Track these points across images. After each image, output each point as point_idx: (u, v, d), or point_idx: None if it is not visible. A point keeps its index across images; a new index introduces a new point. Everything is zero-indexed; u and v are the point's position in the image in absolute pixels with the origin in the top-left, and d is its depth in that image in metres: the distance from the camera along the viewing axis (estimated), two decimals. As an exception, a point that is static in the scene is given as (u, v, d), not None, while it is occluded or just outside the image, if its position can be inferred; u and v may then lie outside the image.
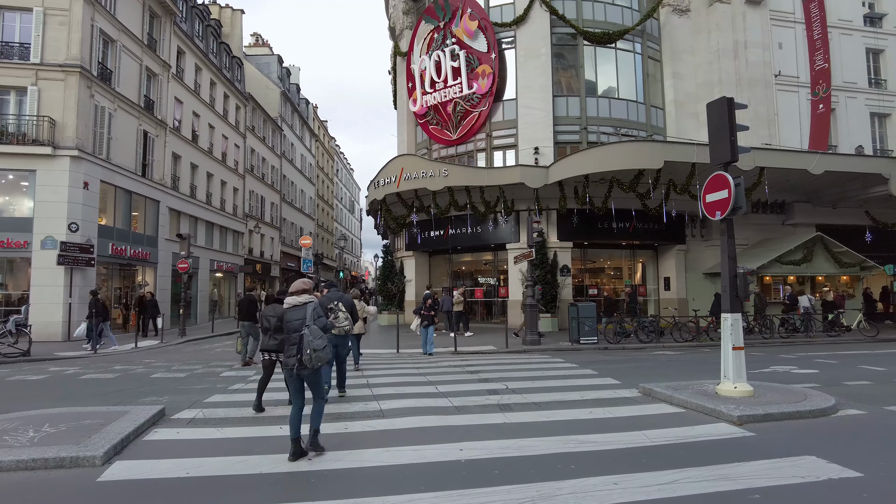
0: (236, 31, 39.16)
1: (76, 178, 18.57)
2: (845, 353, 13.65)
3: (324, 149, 62.76)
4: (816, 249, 20.86)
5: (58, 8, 18.78)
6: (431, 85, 24.38)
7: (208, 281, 29.84)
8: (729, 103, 8.03)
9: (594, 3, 23.29)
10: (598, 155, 19.46)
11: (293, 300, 5.55)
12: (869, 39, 26.67)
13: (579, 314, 15.68)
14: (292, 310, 5.47)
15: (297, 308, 5.46)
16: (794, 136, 24.57)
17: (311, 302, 5.54)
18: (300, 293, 5.59)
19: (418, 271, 24.65)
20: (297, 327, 5.30)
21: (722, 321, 7.79)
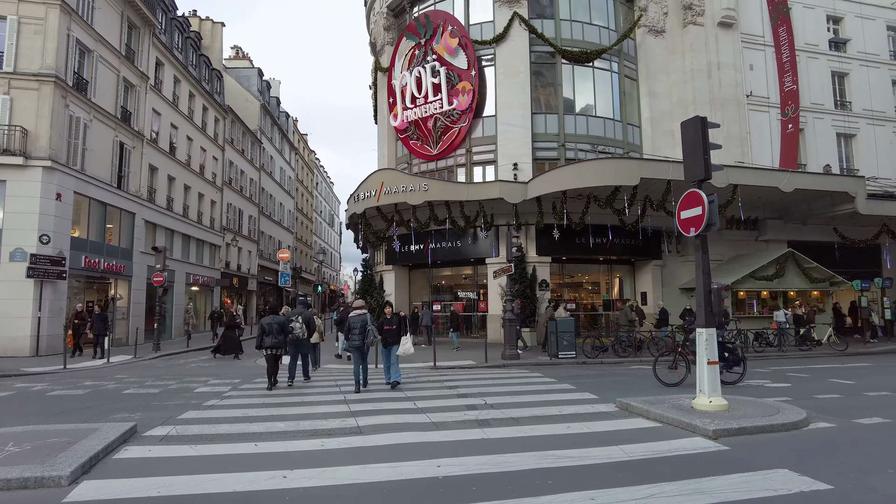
0: (216, 44, 39.00)
1: (48, 188, 18.17)
2: (816, 367, 13.95)
3: (304, 162, 62.50)
4: (788, 265, 21.38)
5: (33, 17, 18.51)
6: (412, 100, 24.54)
7: (184, 294, 29.32)
8: (702, 122, 8.23)
9: (572, 23, 23.76)
10: (575, 171, 19.75)
11: (357, 312, 10.70)
12: (834, 63, 27.67)
13: (558, 329, 15.78)
14: (356, 316, 10.51)
15: (359, 315, 10.54)
16: (766, 154, 25.26)
17: (366, 312, 10.79)
18: (360, 308, 10.88)
19: (398, 285, 24.57)
20: (361, 325, 10.34)
21: (697, 336, 7.91)
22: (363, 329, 10.20)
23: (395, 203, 21.93)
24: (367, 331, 10.25)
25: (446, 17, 23.91)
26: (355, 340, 10.25)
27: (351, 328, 10.43)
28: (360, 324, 10.34)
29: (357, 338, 10.22)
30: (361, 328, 10.21)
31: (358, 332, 10.25)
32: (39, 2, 18.54)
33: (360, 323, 10.36)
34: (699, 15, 25.15)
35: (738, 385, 10.56)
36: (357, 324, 10.35)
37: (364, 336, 10.15)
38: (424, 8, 25.44)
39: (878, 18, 28.72)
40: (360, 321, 10.38)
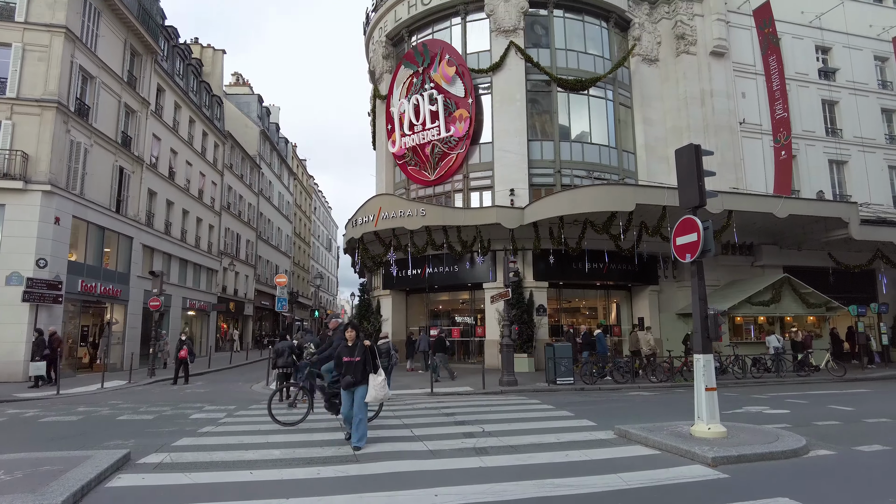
0: (217, 71, 39.58)
1: (47, 213, 18.22)
2: (815, 393, 13.90)
3: (302, 187, 62.85)
4: (784, 290, 21.45)
5: (37, 44, 18.81)
6: (410, 127, 24.84)
7: (180, 319, 29.15)
8: (696, 150, 8.37)
9: (567, 52, 24.24)
10: (571, 197, 19.92)
11: (384, 340, 12.94)
12: (824, 91, 28.19)
13: (555, 354, 15.72)
14: (384, 343, 12.50)
15: (386, 342, 12.73)
16: (760, 180, 25.54)
17: (390, 340, 12.78)
18: (384, 337, 13.30)
19: (395, 310, 24.51)
20: (386, 350, 11.73)
21: (694, 362, 7.91)
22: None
23: (392, 228, 22.03)
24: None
25: (444, 46, 24.38)
26: (384, 361, 10.86)
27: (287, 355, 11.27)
28: (386, 347, 11.91)
29: (385, 360, 11.11)
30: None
31: (386, 357, 11.30)
32: (44, 30, 18.87)
33: (386, 348, 11.89)
34: (692, 44, 25.68)
35: (733, 411, 10.50)
36: (385, 348, 11.73)
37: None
38: (422, 37, 25.95)
39: (865, 49, 29.37)
40: (386, 346, 11.97)
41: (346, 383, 7.47)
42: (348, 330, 7.76)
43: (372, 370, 7.46)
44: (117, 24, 22.66)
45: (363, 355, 7.49)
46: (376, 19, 28.22)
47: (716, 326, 8.07)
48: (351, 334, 7.67)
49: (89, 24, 20.67)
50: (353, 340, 7.65)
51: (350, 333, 7.68)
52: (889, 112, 29.38)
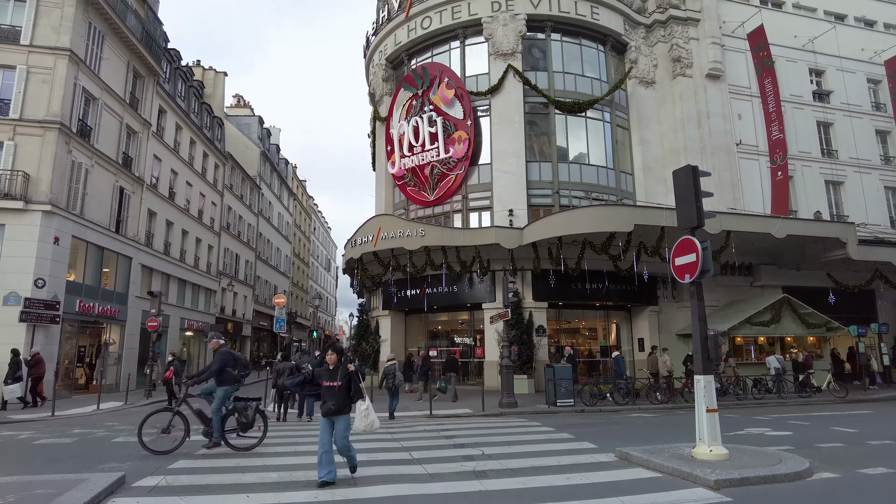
0: (218, 92, 39.99)
1: (47, 232, 18.23)
2: (817, 415, 13.78)
3: (301, 207, 63.06)
4: (784, 311, 21.40)
5: (42, 67, 19.02)
6: (409, 149, 25.04)
7: (178, 340, 28.99)
8: (694, 171, 8.44)
9: (565, 75, 24.57)
10: (570, 218, 20.01)
11: (390, 362, 13.91)
12: (819, 113, 28.52)
13: (555, 376, 15.62)
14: (390, 365, 13.82)
15: (392, 364, 13.82)
16: (758, 200, 25.68)
17: (395, 362, 14.08)
18: (393, 359, 14.13)
19: (394, 330, 24.40)
20: (391, 372, 13.42)
21: (695, 383, 7.87)
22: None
23: (391, 248, 22.05)
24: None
25: (443, 70, 24.70)
26: (389, 382, 13.78)
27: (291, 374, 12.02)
28: (393, 369, 13.29)
29: (390, 380, 13.48)
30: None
31: (391, 377, 13.26)
32: (49, 53, 19.11)
33: (392, 369, 13.35)
34: (687, 67, 26.05)
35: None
36: (391, 369, 13.18)
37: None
38: (422, 60, 26.31)
39: (857, 72, 29.80)
40: (392, 369, 13.34)
41: (326, 410, 6.62)
42: (329, 353, 7.01)
43: (358, 396, 6.71)
44: (121, 47, 22.97)
45: (346, 380, 6.70)
46: (376, 43, 28.64)
47: (716, 347, 8.04)
48: (332, 357, 6.92)
49: (93, 47, 20.95)
50: (335, 364, 6.87)
51: (331, 356, 6.93)
52: (883, 133, 29.69)
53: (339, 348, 7.18)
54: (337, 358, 6.92)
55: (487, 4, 24.26)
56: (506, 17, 23.94)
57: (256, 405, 9.17)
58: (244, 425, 8.95)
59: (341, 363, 6.90)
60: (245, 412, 8.99)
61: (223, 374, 9.13)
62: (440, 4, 25.08)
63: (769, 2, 29.98)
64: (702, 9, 26.63)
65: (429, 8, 25.41)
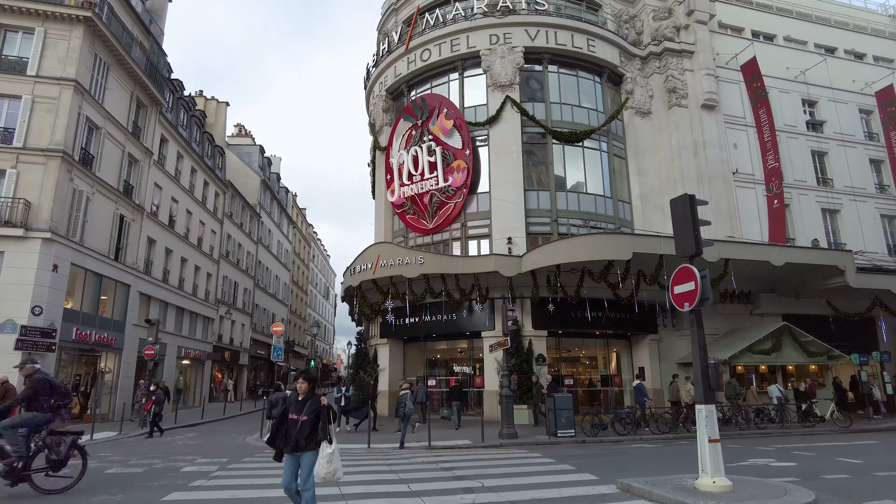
0: (220, 122, 40.50)
1: (46, 260, 18.24)
2: (821, 445, 13.60)
3: (301, 235, 63.24)
4: (784, 339, 21.27)
5: (47, 96, 19.32)
6: (409, 177, 25.25)
7: (174, 368, 28.71)
8: (691, 200, 8.51)
9: (562, 106, 24.95)
10: (568, 246, 20.05)
11: (405, 390, 14.36)
12: (813, 143, 28.90)
13: (556, 406, 15.45)
14: (403, 394, 14.26)
15: (405, 393, 14.25)
16: (755, 229, 25.81)
17: (408, 391, 14.49)
18: (407, 387, 14.72)
19: (392, 359, 24.20)
20: (403, 400, 13.91)
21: (696, 413, 7.78)
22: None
23: (390, 276, 22.04)
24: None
25: (442, 101, 25.10)
26: (402, 409, 14.30)
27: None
28: (405, 397, 14.22)
29: (402, 408, 14.24)
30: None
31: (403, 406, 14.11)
32: (54, 83, 19.43)
33: (405, 398, 14.23)
34: (683, 98, 26.50)
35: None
36: (404, 398, 13.81)
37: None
38: (421, 92, 26.75)
39: (849, 102, 30.31)
40: (406, 398, 14.28)
41: (290, 446, 5.80)
42: (300, 381, 6.13)
43: (322, 436, 5.79)
44: (125, 78, 23.36)
45: (314, 414, 5.84)
46: (377, 75, 29.15)
47: (717, 376, 7.98)
48: (303, 386, 6.06)
49: (98, 77, 21.32)
50: (305, 394, 6.03)
51: (302, 385, 6.07)
52: (877, 162, 30.02)
53: (312, 377, 6.28)
54: (308, 387, 6.07)
55: (486, 37, 24.79)
56: (504, 50, 24.44)
57: (73, 440, 8.14)
58: (56, 463, 7.91)
59: (313, 394, 6.07)
60: (57, 448, 7.93)
61: (34, 404, 7.89)
62: (439, 37, 25.62)
63: (761, 35, 30.66)
64: (696, 41, 27.22)
65: (428, 41, 25.95)
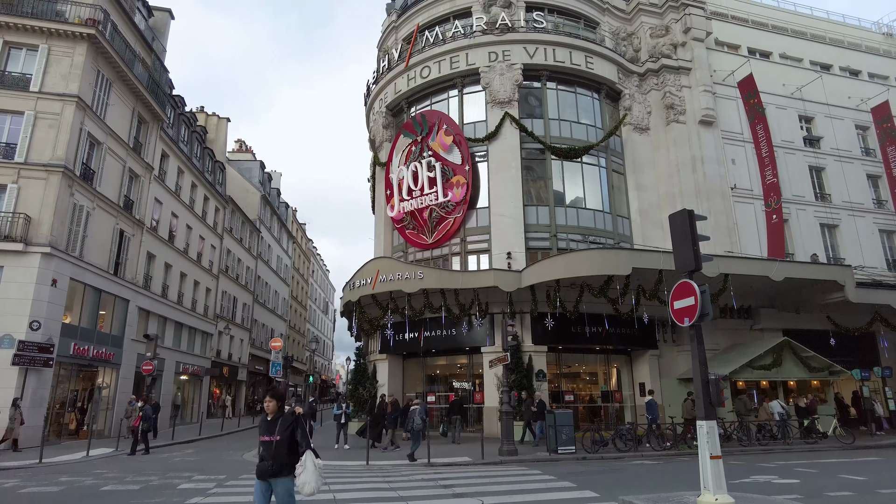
0: (221, 137, 40.76)
1: (45, 275, 18.23)
2: (824, 462, 13.48)
3: (301, 250, 63.26)
4: (785, 354, 21.19)
5: (49, 112, 19.47)
6: (409, 193, 25.33)
7: (172, 384, 28.55)
8: (690, 215, 8.54)
9: (560, 122, 25.13)
10: (567, 261, 20.06)
11: (415, 406, 15.06)
12: (810, 158, 29.07)
13: (556, 422, 15.33)
14: (413, 409, 14.96)
15: (415, 408, 14.84)
16: (754, 244, 25.85)
17: (419, 406, 15.01)
18: (417, 402, 15.35)
19: (391, 375, 24.05)
20: (412, 416, 14.47)
21: (697, 429, 7.73)
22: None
23: (390, 291, 21.99)
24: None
25: (441, 117, 25.28)
26: (411, 423, 14.82)
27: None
28: (415, 412, 14.75)
29: (410, 423, 14.78)
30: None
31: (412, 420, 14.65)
32: (57, 99, 19.60)
33: (417, 413, 14.72)
34: (681, 114, 26.70)
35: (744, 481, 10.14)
36: (416, 413, 14.67)
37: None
38: (421, 108, 26.95)
39: (846, 118, 30.56)
40: (416, 413, 14.82)
41: (261, 470, 5.23)
42: (266, 399, 5.57)
43: (304, 448, 5.28)
44: (127, 94, 23.55)
45: (288, 433, 5.26)
46: (377, 91, 29.39)
47: (718, 392, 7.94)
48: (271, 405, 5.48)
49: (100, 93, 21.50)
50: (274, 412, 5.44)
51: (269, 404, 5.49)
52: (874, 178, 30.18)
53: (280, 393, 5.65)
54: (276, 406, 5.47)
55: (485, 55, 25.05)
56: (502, 67, 24.68)
57: None
58: None
59: (282, 412, 5.48)
60: None
61: None
62: (439, 55, 25.89)
63: (757, 52, 31.01)
64: (693, 58, 27.51)
65: (428, 58, 26.21)
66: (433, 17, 27.59)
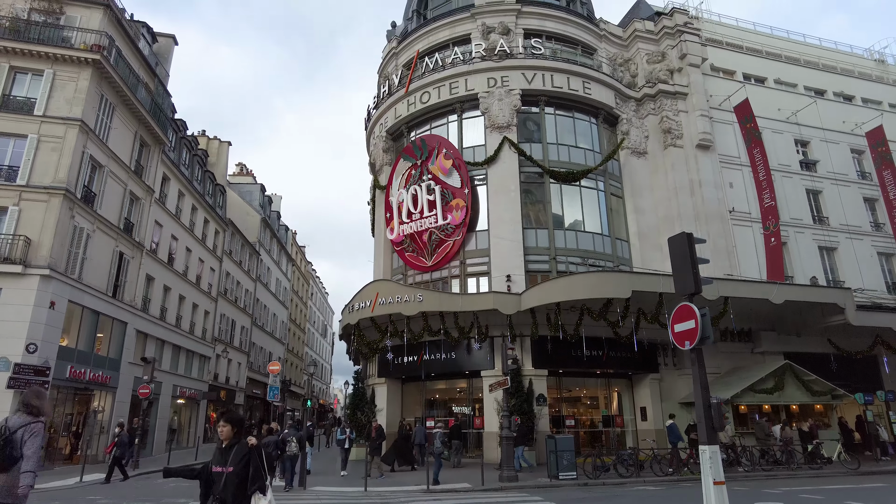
0: (222, 161, 41.05)
1: (43, 297, 18.17)
2: (830, 488, 13.27)
3: (300, 273, 63.20)
4: (787, 377, 21.04)
5: (52, 135, 19.63)
6: (408, 215, 25.44)
7: (169, 408, 28.23)
8: (689, 238, 8.55)
9: (559, 146, 25.37)
10: (567, 284, 20.04)
11: (438, 429, 17.40)
12: (807, 182, 29.29)
13: (557, 447, 15.14)
14: (435, 432, 16.47)
15: (437, 431, 16.58)
16: (753, 266, 25.86)
17: (440, 430, 17.08)
18: (439, 426, 18.47)
19: (390, 399, 23.81)
20: (433, 440, 15.93)
21: (700, 454, 7.63)
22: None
23: (389, 314, 21.92)
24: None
25: (441, 141, 25.53)
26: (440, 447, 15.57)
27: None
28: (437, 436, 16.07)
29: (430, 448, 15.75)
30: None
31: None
32: (60, 122, 19.79)
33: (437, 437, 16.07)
34: (678, 138, 26.97)
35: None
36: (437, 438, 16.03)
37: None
38: (421, 132, 27.24)
39: (841, 142, 30.88)
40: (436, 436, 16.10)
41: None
42: (220, 423, 4.89)
43: (257, 485, 4.58)
44: (129, 118, 23.80)
45: (241, 465, 4.63)
46: (377, 116, 29.73)
47: (720, 416, 7.85)
48: (225, 430, 4.81)
49: (103, 117, 21.73)
50: (229, 439, 4.80)
51: (223, 429, 4.82)
52: (871, 201, 30.36)
53: (236, 418, 5.00)
54: (232, 431, 4.82)
55: (483, 80, 25.41)
56: (501, 93, 25.01)
57: None
58: None
59: (239, 439, 4.81)
60: None
61: None
62: (438, 80, 26.26)
63: (752, 77, 31.47)
64: (689, 84, 27.91)
65: (428, 84, 26.57)
66: (433, 43, 28.07)
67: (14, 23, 20.75)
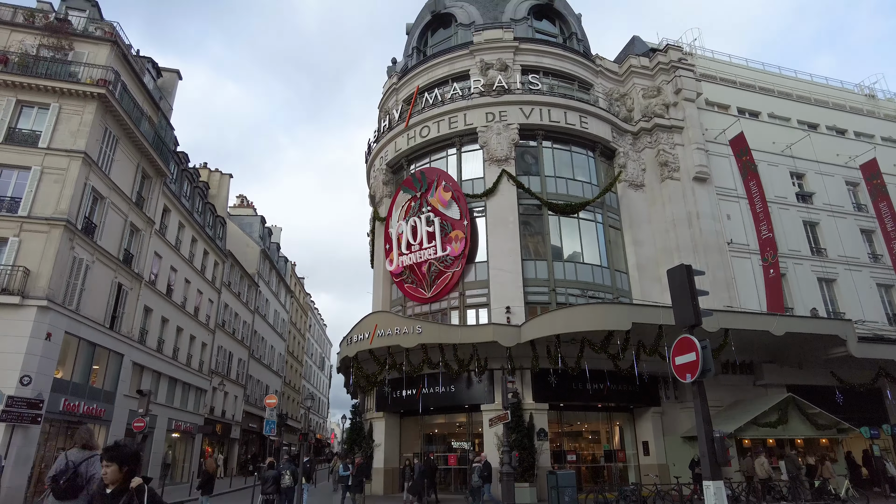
0: (223, 193, 41.34)
1: (40, 328, 18.04)
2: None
3: (298, 304, 62.95)
4: (790, 411, 20.72)
5: (55, 167, 19.83)
6: (408, 247, 25.50)
7: (163, 442, 27.71)
8: (688, 270, 8.58)
9: (557, 179, 25.62)
10: (566, 316, 19.91)
11: (477, 463, 16.61)
12: (804, 213, 29.48)
13: (559, 483, 14.85)
14: (475, 466, 16.14)
15: (477, 465, 15.83)
16: (753, 298, 25.79)
17: (479, 465, 16.53)
18: (479, 459, 16.41)
19: (388, 434, 23.41)
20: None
21: (704, 490, 7.49)
22: None
23: (388, 346, 21.74)
24: None
25: (440, 174, 25.79)
26: None
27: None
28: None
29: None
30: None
31: None
32: (64, 155, 20.01)
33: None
34: (675, 171, 27.25)
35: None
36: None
37: None
38: (420, 165, 27.55)
39: (836, 175, 31.22)
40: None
41: None
42: (103, 463, 4.04)
43: None
44: (132, 150, 24.08)
45: None
46: (378, 149, 30.11)
47: (724, 450, 7.73)
48: (109, 471, 3.97)
49: (106, 149, 21.99)
50: (116, 484, 3.96)
51: (108, 469, 3.98)
52: (868, 232, 30.50)
53: (123, 455, 4.07)
54: (118, 473, 3.97)
55: (482, 115, 25.83)
56: (499, 127, 25.40)
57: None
58: None
59: (127, 484, 3.94)
60: None
61: None
62: (438, 115, 26.69)
63: (746, 112, 32.00)
64: (685, 118, 28.35)
65: (427, 118, 27.01)
66: (432, 79, 28.64)
67: (23, 58, 21.19)
